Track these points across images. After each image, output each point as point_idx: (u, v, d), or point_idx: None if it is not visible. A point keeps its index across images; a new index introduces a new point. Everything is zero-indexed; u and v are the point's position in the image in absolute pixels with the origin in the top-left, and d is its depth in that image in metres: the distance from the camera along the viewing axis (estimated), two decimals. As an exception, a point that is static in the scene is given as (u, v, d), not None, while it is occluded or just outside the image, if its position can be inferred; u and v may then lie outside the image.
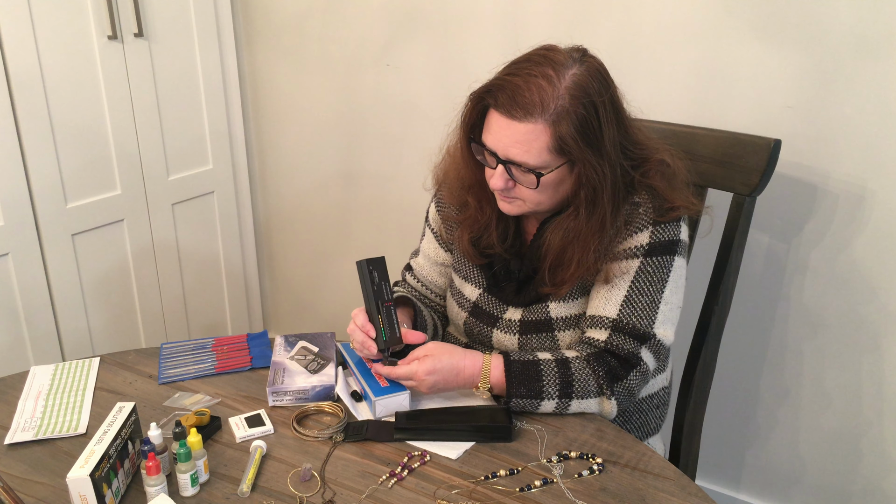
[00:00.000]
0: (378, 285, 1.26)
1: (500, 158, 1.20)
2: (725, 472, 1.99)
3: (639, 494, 1.09)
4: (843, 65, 1.54)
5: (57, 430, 1.24)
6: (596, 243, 1.23)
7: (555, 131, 1.15)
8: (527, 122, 1.15)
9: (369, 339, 1.27)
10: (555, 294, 1.30)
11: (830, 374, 1.75)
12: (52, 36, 1.92)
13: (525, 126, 1.16)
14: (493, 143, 1.20)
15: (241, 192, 2.54)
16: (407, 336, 1.28)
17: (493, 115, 1.19)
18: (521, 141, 1.16)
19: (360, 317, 1.29)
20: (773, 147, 1.39)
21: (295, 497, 1.09)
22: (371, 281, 1.25)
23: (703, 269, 1.53)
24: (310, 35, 2.30)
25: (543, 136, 1.16)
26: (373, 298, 1.26)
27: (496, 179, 1.22)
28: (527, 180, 1.20)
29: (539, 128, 1.15)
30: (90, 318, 2.16)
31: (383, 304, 1.26)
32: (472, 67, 2.02)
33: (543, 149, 1.17)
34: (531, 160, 1.17)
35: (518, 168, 1.19)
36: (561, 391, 1.23)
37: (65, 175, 2.02)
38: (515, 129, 1.16)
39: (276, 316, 2.84)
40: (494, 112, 1.19)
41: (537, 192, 1.22)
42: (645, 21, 1.74)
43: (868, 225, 1.61)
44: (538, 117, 1.15)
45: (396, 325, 1.27)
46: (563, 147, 1.16)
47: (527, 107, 1.15)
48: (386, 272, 1.27)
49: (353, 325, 1.30)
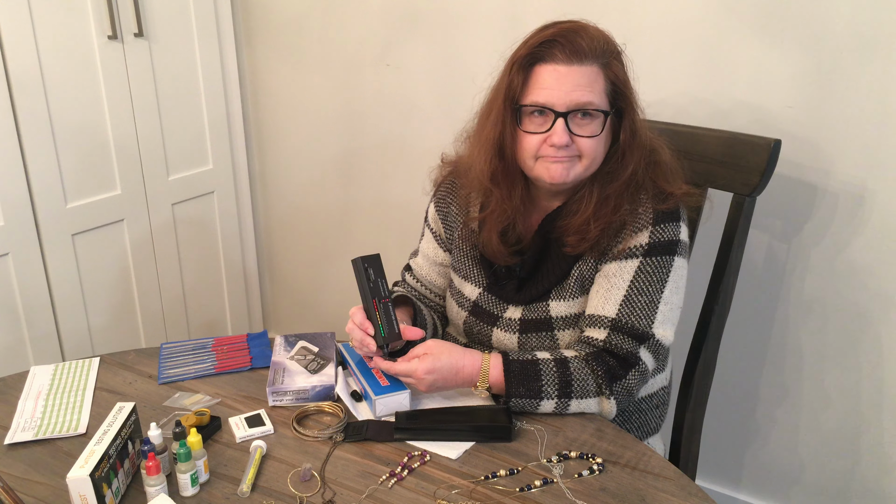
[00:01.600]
0: (374, 282, 1.26)
1: (560, 112, 1.21)
2: (725, 472, 1.99)
3: (639, 494, 1.09)
4: (843, 65, 1.54)
5: (57, 430, 1.24)
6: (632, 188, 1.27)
7: (608, 73, 1.23)
8: (585, 65, 1.21)
9: (368, 337, 1.27)
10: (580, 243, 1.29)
11: (830, 373, 1.75)
12: (52, 36, 1.92)
13: (585, 69, 1.21)
14: (550, 97, 1.22)
15: (241, 192, 2.54)
16: (405, 332, 1.28)
17: (546, 70, 1.22)
18: (583, 84, 1.21)
19: (358, 315, 1.29)
20: (773, 147, 1.39)
21: (295, 497, 1.09)
22: (367, 278, 1.25)
23: (703, 269, 1.53)
24: (310, 35, 2.30)
25: (600, 79, 1.22)
26: (369, 295, 1.26)
27: (559, 134, 1.22)
28: (588, 129, 1.23)
29: (596, 70, 1.22)
30: (90, 318, 2.16)
31: (380, 300, 1.26)
32: (472, 67, 2.02)
33: (602, 91, 1.23)
34: (596, 99, 1.22)
35: (576, 118, 1.22)
36: (560, 391, 1.23)
37: (65, 175, 2.02)
38: (576, 73, 1.21)
39: (276, 316, 2.84)
40: (547, 66, 1.22)
41: (597, 141, 1.24)
42: (645, 21, 1.74)
43: (868, 225, 1.61)
44: (594, 60, 1.21)
45: (395, 322, 1.27)
46: (616, 90, 1.24)
47: (584, 51, 1.21)
48: (382, 269, 1.27)
49: (352, 324, 1.30)
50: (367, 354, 1.31)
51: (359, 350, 1.31)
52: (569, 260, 1.32)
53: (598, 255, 1.30)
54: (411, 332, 1.29)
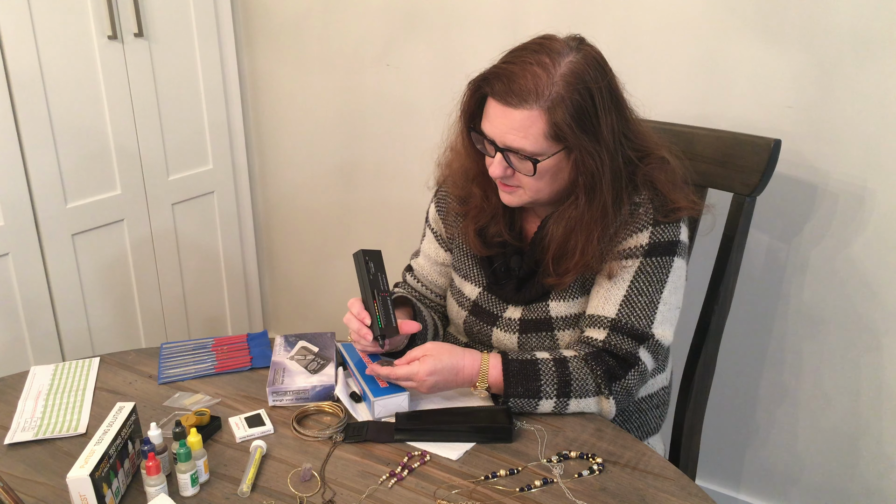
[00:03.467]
0: (374, 275, 1.26)
1: (498, 146, 1.21)
2: (725, 472, 1.99)
3: (639, 494, 1.09)
4: (843, 65, 1.54)
5: (57, 430, 1.24)
6: (598, 231, 1.24)
7: (550, 118, 1.16)
8: (522, 109, 1.16)
9: (364, 327, 1.27)
10: (558, 285, 1.30)
11: (830, 373, 1.75)
12: (52, 36, 1.92)
13: (521, 113, 1.17)
14: (490, 130, 1.21)
15: (241, 192, 2.54)
16: (403, 326, 1.28)
17: (491, 103, 1.21)
18: (517, 128, 1.18)
19: (356, 305, 1.29)
20: (773, 147, 1.39)
21: (295, 497, 1.09)
22: (367, 270, 1.26)
23: (703, 269, 1.53)
24: (310, 35, 2.30)
25: (539, 123, 1.17)
26: (369, 287, 1.26)
27: (495, 167, 1.23)
28: (524, 167, 1.21)
29: (534, 114, 1.16)
30: (90, 318, 2.16)
31: (379, 293, 1.26)
32: (472, 67, 2.00)
33: (539, 135, 1.17)
34: (528, 146, 1.18)
35: (516, 155, 1.20)
36: (559, 390, 1.23)
37: (65, 175, 2.02)
38: (512, 116, 1.17)
39: (276, 316, 2.84)
40: (491, 100, 1.20)
41: (535, 179, 1.22)
42: (645, 20, 1.74)
43: (868, 225, 1.61)
44: (533, 104, 1.16)
45: (392, 315, 1.27)
46: (558, 133, 1.17)
47: (522, 94, 1.16)
48: (382, 264, 1.28)
49: (349, 315, 1.29)
50: (364, 347, 1.30)
51: (355, 341, 1.31)
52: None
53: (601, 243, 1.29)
54: (408, 325, 1.29)
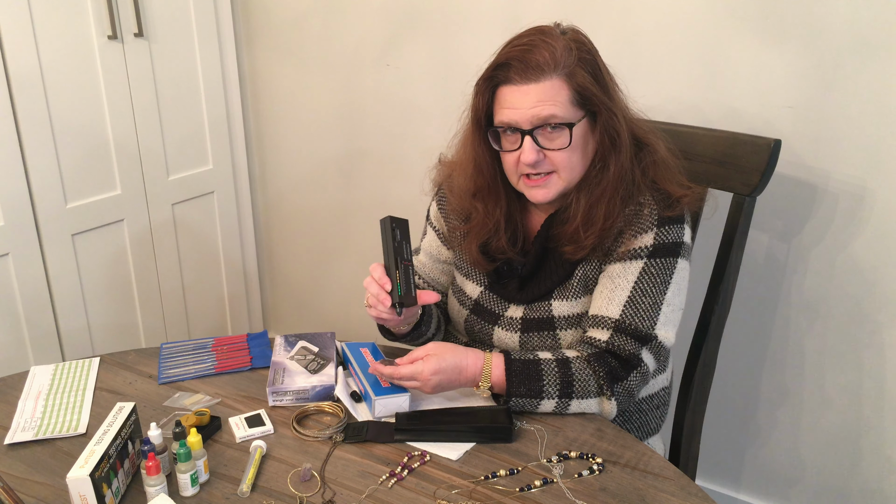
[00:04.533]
0: (399, 243, 1.26)
1: (525, 130, 1.21)
2: (725, 472, 1.99)
3: (639, 494, 1.09)
4: (843, 65, 1.54)
5: (57, 430, 1.24)
6: (622, 191, 1.26)
7: (571, 83, 1.21)
8: (544, 81, 1.20)
9: (384, 292, 1.25)
10: (576, 252, 1.29)
11: (831, 374, 1.75)
12: (52, 36, 1.92)
13: (543, 84, 1.20)
14: (513, 116, 1.22)
15: (241, 192, 2.54)
16: (422, 296, 1.27)
17: (507, 90, 1.22)
18: (544, 99, 1.20)
19: (378, 270, 1.27)
20: (773, 147, 1.39)
21: (295, 497, 1.09)
22: (393, 238, 1.25)
23: (703, 269, 1.53)
24: (310, 35, 2.30)
25: (563, 90, 1.20)
26: (392, 254, 1.25)
27: (527, 152, 1.22)
28: (557, 142, 1.22)
29: (557, 83, 1.20)
30: (90, 318, 2.16)
31: (402, 261, 1.25)
32: (472, 67, 2.01)
33: (566, 102, 1.21)
34: (559, 111, 1.20)
35: (544, 132, 1.21)
36: (561, 391, 1.23)
37: (65, 175, 2.02)
38: (536, 90, 1.20)
39: (276, 316, 2.84)
40: (508, 86, 1.22)
41: (569, 152, 1.23)
42: (645, 21, 1.74)
43: (868, 225, 1.61)
44: (553, 73, 1.20)
45: (413, 285, 1.26)
46: (583, 96, 1.21)
47: (540, 66, 1.19)
48: (408, 234, 1.27)
49: (370, 278, 1.28)
50: (379, 314, 1.29)
51: (373, 305, 1.29)
52: (572, 261, 1.32)
53: (601, 255, 1.30)
54: (427, 295, 1.28)
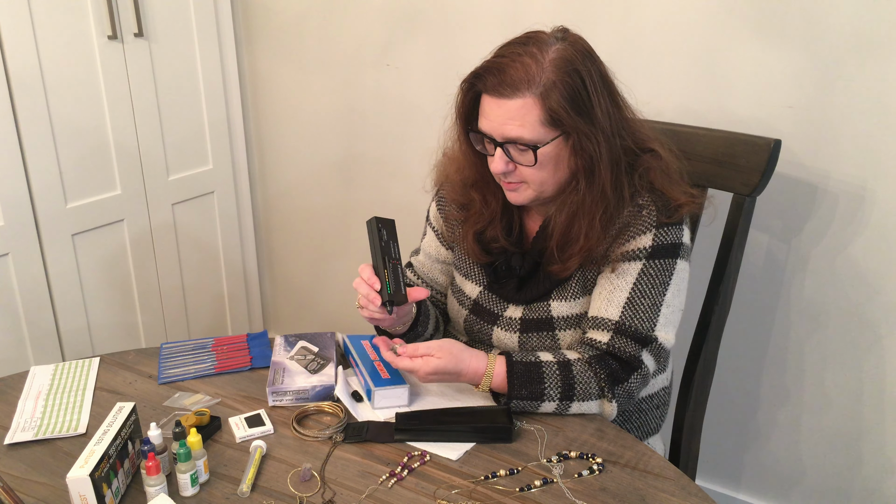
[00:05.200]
0: (385, 242, 1.26)
1: (497, 141, 1.21)
2: (725, 472, 1.99)
3: (639, 494, 1.09)
4: (843, 65, 1.54)
5: (57, 430, 1.24)
6: (600, 215, 1.24)
7: (544, 103, 1.17)
8: (516, 98, 1.17)
9: (373, 292, 1.25)
10: (563, 271, 1.29)
11: (831, 374, 1.75)
12: (52, 36, 1.92)
13: (515, 102, 1.18)
14: (488, 126, 1.22)
15: (241, 192, 2.54)
16: (412, 293, 1.28)
17: (485, 100, 1.22)
18: (513, 117, 1.18)
19: (366, 270, 1.28)
20: (773, 147, 1.39)
21: (295, 497, 1.09)
22: (379, 238, 1.26)
23: (703, 269, 1.53)
24: (310, 35, 2.30)
25: (534, 110, 1.18)
26: (380, 253, 1.25)
27: (496, 163, 1.23)
28: (526, 159, 1.21)
29: (529, 102, 1.17)
30: (90, 318, 2.16)
31: (390, 260, 1.26)
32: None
33: (536, 122, 1.18)
34: (526, 134, 1.19)
35: (515, 147, 1.21)
36: (562, 393, 1.23)
37: (65, 175, 2.02)
38: (507, 107, 1.18)
39: (276, 316, 2.84)
40: (485, 96, 1.21)
41: (537, 169, 1.22)
42: (645, 21, 1.74)
43: (868, 225, 1.61)
44: (526, 92, 1.17)
45: (402, 282, 1.26)
46: (554, 118, 1.18)
47: (514, 83, 1.17)
48: (395, 234, 1.28)
49: (359, 279, 1.28)
50: (371, 314, 1.29)
51: (364, 306, 1.29)
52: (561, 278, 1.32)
53: (600, 257, 1.29)
54: (417, 292, 1.28)
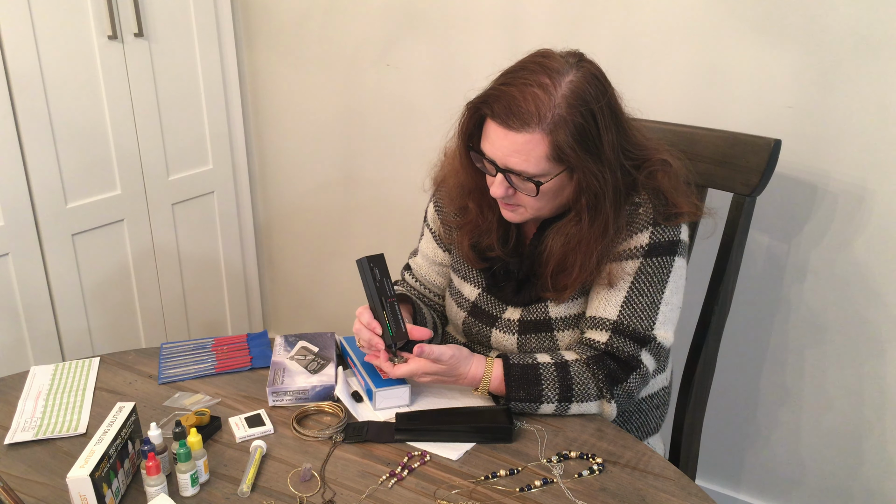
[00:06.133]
0: (380, 282, 1.26)
1: (500, 167, 1.20)
2: (725, 472, 1.99)
3: (639, 494, 1.09)
4: (843, 65, 1.54)
5: (57, 430, 1.24)
6: (598, 248, 1.23)
7: (552, 140, 1.15)
8: (524, 133, 1.15)
9: (376, 337, 1.26)
10: (557, 299, 1.30)
11: (831, 374, 1.75)
12: (52, 36, 1.92)
13: (522, 136, 1.15)
14: (491, 152, 1.20)
15: (241, 192, 2.54)
16: (412, 332, 1.28)
17: (491, 125, 1.19)
18: (518, 151, 1.16)
19: (365, 315, 1.28)
20: (773, 147, 1.39)
21: (295, 497, 1.09)
22: (373, 278, 1.25)
23: (703, 269, 1.53)
24: (310, 35, 2.30)
25: (541, 146, 1.15)
26: (376, 295, 1.26)
27: (496, 188, 1.22)
28: (526, 188, 1.20)
29: (536, 137, 1.15)
30: (90, 318, 2.16)
31: (387, 300, 1.26)
32: (471, 68, 2.02)
33: (542, 157, 1.16)
34: (530, 169, 1.17)
35: (517, 176, 1.19)
36: (560, 395, 1.23)
37: (65, 175, 2.02)
38: (513, 139, 1.16)
39: (276, 316, 2.84)
40: (491, 122, 1.19)
41: (537, 199, 1.22)
42: (645, 21, 1.74)
43: (868, 225, 1.61)
44: (535, 127, 1.14)
45: (401, 321, 1.27)
46: (561, 156, 1.16)
47: (523, 117, 1.14)
48: (386, 268, 1.27)
49: (359, 324, 1.29)
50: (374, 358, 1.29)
51: (366, 350, 1.30)
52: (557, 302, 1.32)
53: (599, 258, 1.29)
54: (418, 331, 1.28)
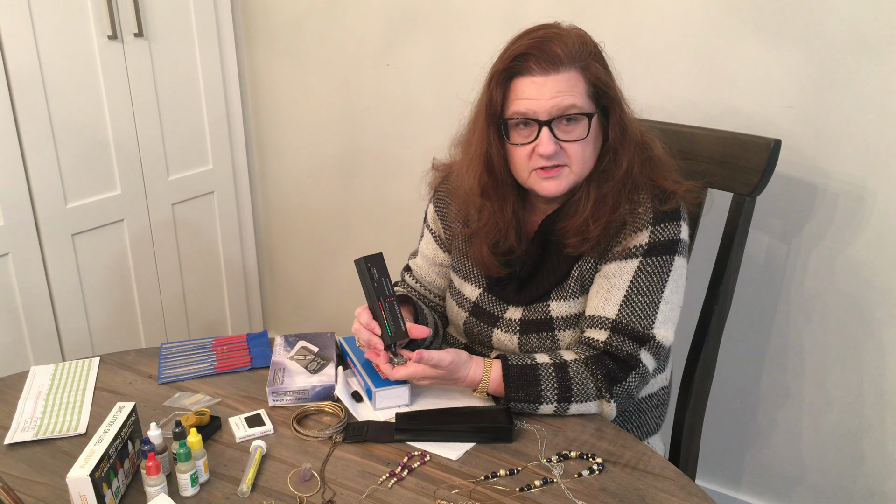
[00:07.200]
0: (378, 282, 1.26)
1: (542, 121, 1.21)
2: (725, 472, 1.99)
3: (639, 494, 1.09)
4: (843, 65, 1.54)
5: (57, 430, 1.24)
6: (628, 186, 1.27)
7: (587, 75, 1.22)
8: (562, 72, 1.21)
9: (375, 337, 1.26)
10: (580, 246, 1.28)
11: (831, 374, 1.75)
12: (52, 36, 1.92)
13: (563, 75, 1.21)
14: (531, 106, 1.21)
15: (241, 192, 2.55)
16: (412, 331, 1.28)
17: (524, 81, 1.22)
18: (564, 89, 1.21)
19: (364, 315, 1.28)
20: (773, 147, 1.39)
21: (295, 497, 1.09)
22: (371, 278, 1.25)
23: (703, 269, 1.53)
24: (310, 35, 2.30)
25: (581, 82, 1.22)
26: (374, 295, 1.25)
27: (545, 144, 1.22)
28: (575, 133, 1.22)
29: (574, 74, 1.21)
30: (90, 318, 2.16)
31: (385, 299, 1.26)
32: (472, 68, 2.00)
33: (583, 94, 1.22)
34: (579, 101, 1.21)
35: (563, 123, 1.22)
36: (560, 395, 1.23)
37: (65, 175, 2.02)
38: (554, 80, 1.21)
39: (276, 316, 2.84)
40: (525, 77, 1.22)
41: (584, 145, 1.24)
42: (645, 21, 1.74)
43: (868, 225, 1.61)
44: (570, 65, 1.21)
45: (401, 321, 1.26)
46: (597, 90, 1.23)
47: (560, 57, 1.21)
48: (385, 268, 1.27)
49: (358, 324, 1.29)
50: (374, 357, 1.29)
51: (366, 350, 1.31)
52: (569, 260, 1.31)
53: (598, 255, 1.30)
54: (417, 330, 1.28)
